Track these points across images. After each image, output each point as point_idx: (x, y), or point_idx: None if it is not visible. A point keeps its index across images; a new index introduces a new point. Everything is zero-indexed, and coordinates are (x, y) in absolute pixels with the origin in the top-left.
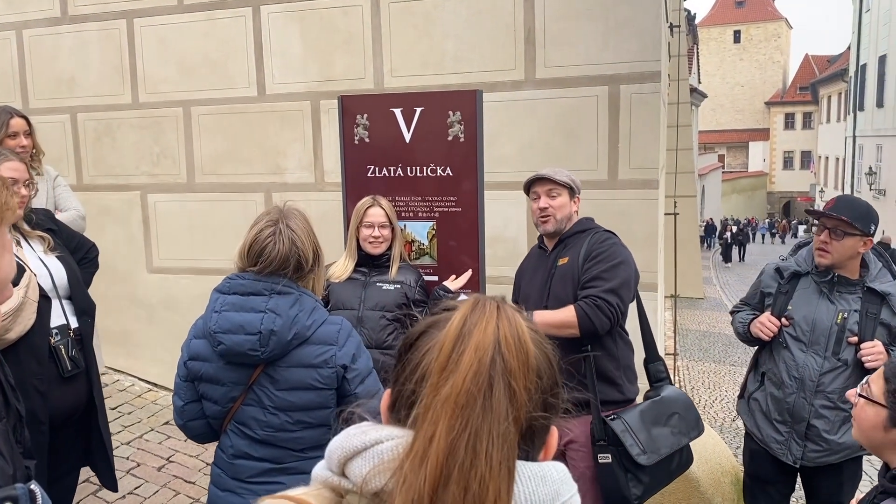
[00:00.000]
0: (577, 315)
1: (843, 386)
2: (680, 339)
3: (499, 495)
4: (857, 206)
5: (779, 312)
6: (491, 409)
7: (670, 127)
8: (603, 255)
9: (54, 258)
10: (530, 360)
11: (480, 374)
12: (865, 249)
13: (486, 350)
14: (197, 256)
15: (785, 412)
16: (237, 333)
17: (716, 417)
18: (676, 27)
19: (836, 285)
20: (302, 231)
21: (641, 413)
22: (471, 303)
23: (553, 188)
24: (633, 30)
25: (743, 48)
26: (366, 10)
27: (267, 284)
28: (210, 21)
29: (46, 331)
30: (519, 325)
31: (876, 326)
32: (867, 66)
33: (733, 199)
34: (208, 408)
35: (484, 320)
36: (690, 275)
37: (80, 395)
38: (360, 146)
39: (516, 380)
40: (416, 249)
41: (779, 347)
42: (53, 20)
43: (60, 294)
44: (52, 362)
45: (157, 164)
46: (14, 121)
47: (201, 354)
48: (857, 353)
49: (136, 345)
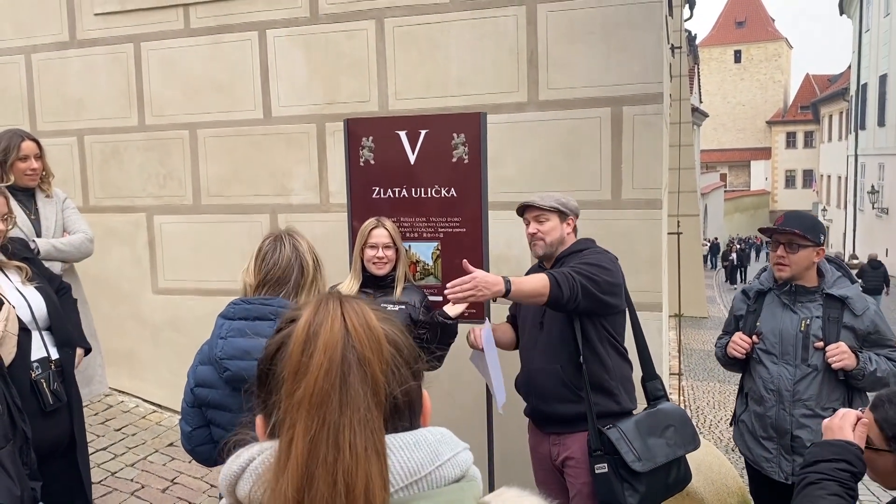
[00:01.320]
0: (550, 282)
1: (818, 391)
2: (684, 358)
3: (369, 479)
4: (806, 219)
5: (749, 330)
6: (348, 402)
7: (672, 146)
8: (588, 258)
9: (32, 289)
10: (382, 344)
11: (332, 371)
12: (819, 259)
13: (336, 346)
14: (202, 277)
15: (769, 427)
16: (243, 359)
17: (721, 437)
18: (678, 48)
19: (797, 295)
20: (303, 243)
21: (637, 423)
22: (313, 305)
23: (540, 214)
24: (635, 52)
25: (744, 68)
26: (370, 34)
27: (272, 308)
28: (216, 45)
29: (27, 364)
30: (365, 313)
31: (840, 330)
32: (868, 85)
33: (736, 218)
34: (216, 433)
35: (329, 318)
36: (694, 294)
37: (63, 430)
38: (365, 168)
39: (371, 366)
40: (420, 270)
41: (754, 364)
42: (62, 44)
43: (40, 325)
44: (34, 396)
45: (163, 186)
46: (25, 144)
47: (207, 381)
48: (825, 357)
49: (141, 366)
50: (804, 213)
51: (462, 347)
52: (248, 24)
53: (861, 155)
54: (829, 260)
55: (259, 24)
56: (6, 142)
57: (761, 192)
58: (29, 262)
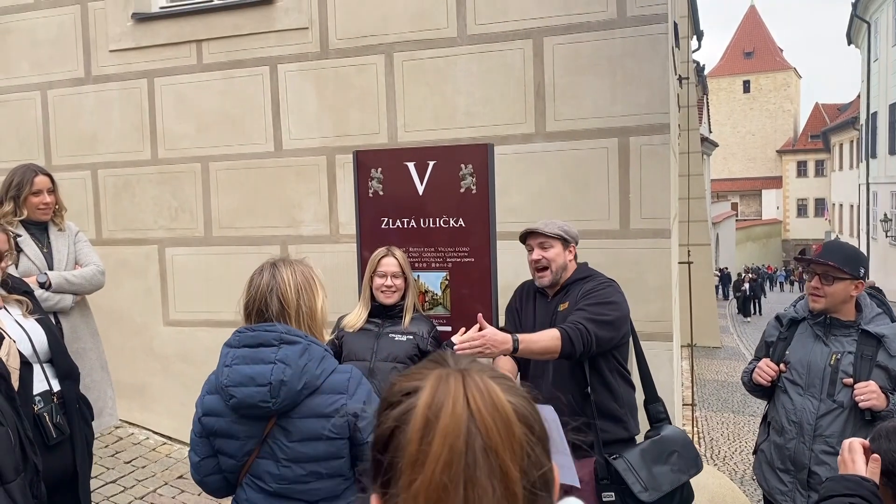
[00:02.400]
0: (562, 338)
1: (841, 429)
2: (698, 388)
3: None
4: (845, 251)
5: (777, 358)
6: (474, 499)
7: (681, 176)
8: (594, 294)
9: (33, 321)
10: (513, 427)
11: (454, 463)
12: (857, 293)
13: (459, 434)
14: (213, 309)
15: (787, 459)
16: (248, 386)
17: (736, 469)
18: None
19: (831, 328)
20: (289, 275)
21: (642, 452)
22: (433, 382)
23: (545, 241)
24: (641, 83)
25: (753, 98)
26: (380, 68)
27: (276, 334)
28: (228, 79)
29: (30, 399)
30: (491, 391)
31: (872, 368)
32: (878, 114)
33: (748, 247)
34: (224, 462)
35: (450, 399)
36: (707, 324)
37: (66, 462)
38: (374, 199)
39: (499, 455)
40: (429, 300)
41: (779, 393)
42: (77, 80)
43: (41, 358)
44: (37, 430)
45: (174, 219)
46: (38, 178)
47: (215, 410)
48: (852, 395)
49: (152, 398)
50: (844, 244)
51: None
52: (259, 59)
53: (873, 183)
54: (870, 294)
55: (270, 59)
56: (20, 177)
57: (773, 221)
58: (29, 297)
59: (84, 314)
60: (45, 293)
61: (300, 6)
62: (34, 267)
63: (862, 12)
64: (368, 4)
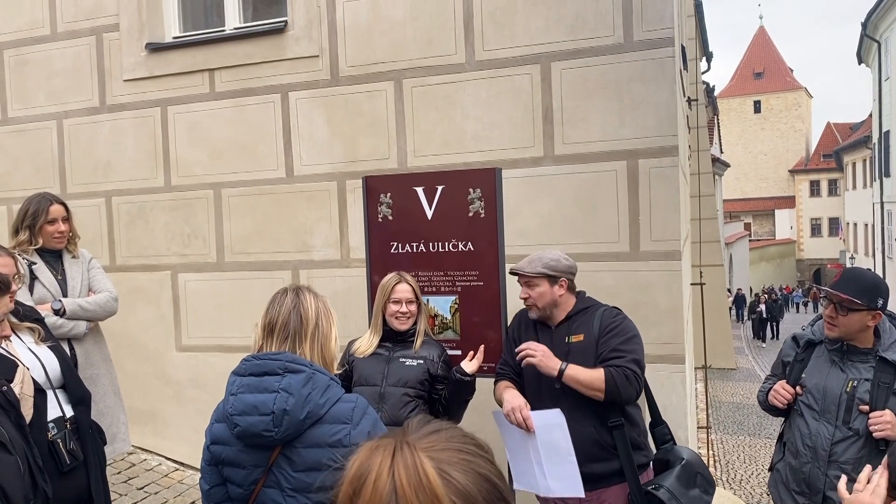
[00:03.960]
0: (606, 379)
1: (856, 456)
2: (713, 411)
3: None
4: (862, 281)
5: (794, 380)
6: None
7: (693, 197)
8: (618, 329)
9: (45, 348)
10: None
11: None
12: (874, 323)
13: None
14: (226, 334)
15: (802, 482)
16: (251, 415)
17: (753, 493)
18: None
19: (848, 354)
20: (310, 300)
21: (678, 478)
22: (362, 455)
23: (529, 280)
24: (649, 106)
25: (764, 118)
26: (389, 94)
27: (280, 363)
28: (240, 107)
29: (44, 426)
30: (421, 466)
31: (889, 396)
32: (890, 132)
33: (762, 268)
34: (233, 490)
35: (373, 474)
36: (721, 345)
37: (81, 488)
38: (383, 223)
39: None
40: (438, 324)
41: (795, 415)
42: (92, 109)
43: (54, 384)
44: (51, 457)
45: (187, 245)
46: (53, 207)
47: (222, 438)
48: (867, 423)
49: (164, 424)
50: (863, 273)
51: (483, 401)
52: (270, 87)
53: (887, 202)
54: (890, 316)
55: (281, 86)
56: (35, 206)
57: (787, 241)
58: (41, 324)
59: (97, 340)
60: (59, 320)
61: (311, 35)
62: (49, 294)
63: (872, 31)
64: (377, 32)
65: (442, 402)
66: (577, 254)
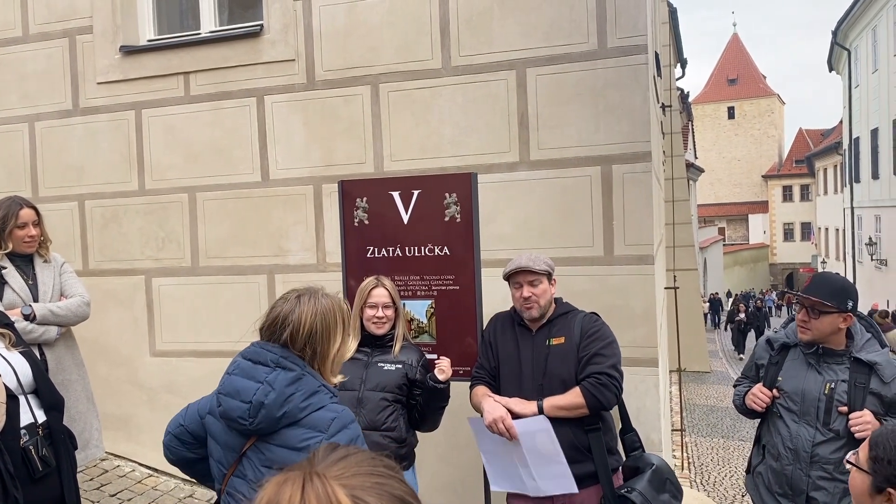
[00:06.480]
0: (584, 394)
1: (838, 457)
2: (687, 414)
3: None
4: (832, 285)
5: (770, 383)
6: None
7: (667, 202)
8: (598, 334)
9: (17, 354)
10: None
11: None
12: (846, 325)
13: None
14: (200, 339)
15: (784, 484)
16: (233, 398)
17: (725, 495)
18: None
19: (823, 356)
20: (307, 315)
21: (650, 482)
22: (270, 489)
23: (535, 278)
24: (623, 112)
25: (738, 124)
26: (366, 99)
27: (275, 356)
28: (215, 111)
29: (17, 433)
30: (334, 496)
31: (866, 396)
32: (860, 139)
33: (736, 272)
34: (213, 466)
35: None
36: (695, 349)
37: (54, 494)
38: (359, 228)
39: None
40: (415, 328)
41: (774, 418)
42: (65, 112)
43: (26, 390)
44: (23, 464)
45: (161, 249)
46: (23, 211)
47: (214, 411)
48: (847, 423)
49: (138, 429)
50: (833, 277)
51: (461, 406)
52: (246, 90)
53: (857, 207)
54: (860, 319)
55: (257, 90)
56: (5, 210)
57: (760, 246)
58: (11, 329)
59: (69, 345)
60: (29, 325)
61: (287, 39)
62: (19, 299)
63: (842, 40)
64: (354, 36)
65: (418, 408)
66: (552, 258)
